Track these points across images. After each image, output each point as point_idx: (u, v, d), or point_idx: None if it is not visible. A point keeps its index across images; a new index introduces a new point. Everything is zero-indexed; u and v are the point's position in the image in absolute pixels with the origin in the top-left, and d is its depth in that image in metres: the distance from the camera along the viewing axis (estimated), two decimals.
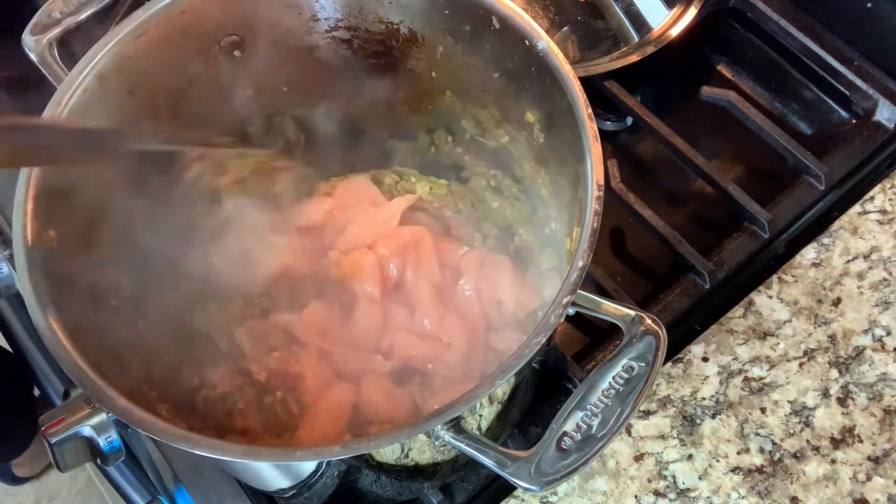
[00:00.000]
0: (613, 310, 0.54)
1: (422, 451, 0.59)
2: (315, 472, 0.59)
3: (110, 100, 0.67)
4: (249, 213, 0.76)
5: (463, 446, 0.51)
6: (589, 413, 0.50)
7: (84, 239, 0.64)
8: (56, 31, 0.72)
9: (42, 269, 0.58)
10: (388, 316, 0.74)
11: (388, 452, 0.57)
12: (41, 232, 0.59)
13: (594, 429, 0.49)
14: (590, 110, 0.60)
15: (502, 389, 0.60)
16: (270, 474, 0.63)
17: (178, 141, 0.70)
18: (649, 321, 0.53)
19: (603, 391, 0.50)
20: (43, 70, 0.70)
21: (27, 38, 0.71)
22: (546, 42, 0.63)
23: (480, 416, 0.60)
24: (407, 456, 0.59)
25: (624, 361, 0.51)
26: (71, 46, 0.73)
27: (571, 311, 0.54)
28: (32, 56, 0.71)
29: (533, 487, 0.49)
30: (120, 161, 0.65)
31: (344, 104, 0.79)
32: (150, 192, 0.69)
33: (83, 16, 0.72)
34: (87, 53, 0.66)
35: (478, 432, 0.61)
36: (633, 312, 0.53)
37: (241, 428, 0.68)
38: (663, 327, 0.53)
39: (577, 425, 0.50)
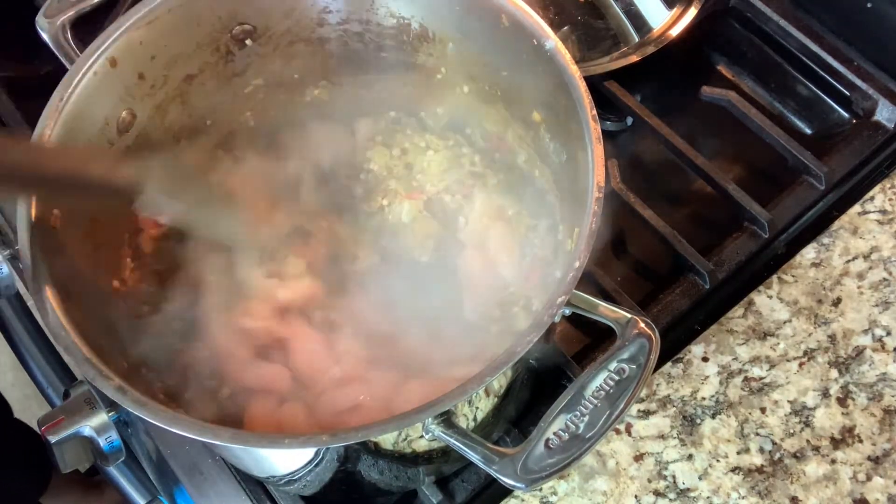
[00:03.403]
0: (608, 311, 0.54)
1: (420, 436, 0.59)
2: (313, 459, 0.59)
3: (120, 83, 0.67)
4: None
5: (452, 441, 0.52)
6: (577, 413, 0.50)
7: (88, 219, 0.64)
8: (69, 14, 0.72)
9: (43, 246, 0.58)
10: None
11: (387, 436, 0.57)
12: (45, 210, 0.59)
13: (581, 429, 0.49)
14: (594, 111, 0.60)
15: (498, 382, 0.60)
16: (266, 460, 0.63)
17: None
18: (643, 324, 0.53)
19: (593, 392, 0.50)
20: (56, 51, 0.70)
21: (41, 20, 0.72)
22: (554, 42, 0.64)
23: (477, 408, 0.61)
24: (405, 440, 0.59)
25: (615, 364, 0.51)
26: (84, 29, 0.73)
27: (567, 311, 0.54)
28: (46, 37, 0.71)
29: (519, 485, 0.49)
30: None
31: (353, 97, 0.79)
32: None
33: None
34: (98, 36, 0.65)
35: (473, 423, 0.62)
36: (627, 315, 0.53)
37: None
38: (656, 331, 0.53)
39: (566, 425, 0.50)
